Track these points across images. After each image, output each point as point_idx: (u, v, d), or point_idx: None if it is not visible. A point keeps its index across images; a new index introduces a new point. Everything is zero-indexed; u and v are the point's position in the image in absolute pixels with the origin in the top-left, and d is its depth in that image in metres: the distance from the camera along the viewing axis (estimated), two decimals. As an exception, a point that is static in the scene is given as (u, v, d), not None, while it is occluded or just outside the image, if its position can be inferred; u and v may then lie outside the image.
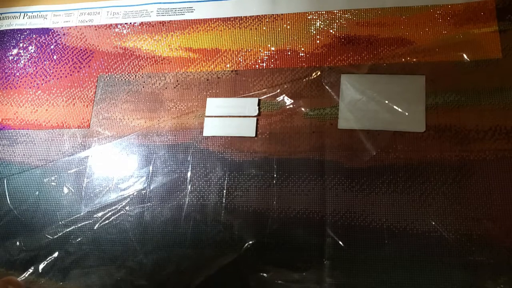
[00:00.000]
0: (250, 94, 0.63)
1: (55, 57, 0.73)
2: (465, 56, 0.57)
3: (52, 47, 0.74)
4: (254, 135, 0.60)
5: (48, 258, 0.60)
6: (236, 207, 0.58)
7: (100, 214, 0.61)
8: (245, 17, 0.68)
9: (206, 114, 0.63)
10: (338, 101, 0.59)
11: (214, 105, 0.63)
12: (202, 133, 0.62)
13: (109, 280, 0.58)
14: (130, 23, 0.72)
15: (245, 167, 0.59)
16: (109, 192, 0.62)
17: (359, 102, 0.59)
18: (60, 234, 0.61)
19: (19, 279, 0.59)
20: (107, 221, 0.61)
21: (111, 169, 0.64)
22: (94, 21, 0.74)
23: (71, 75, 0.71)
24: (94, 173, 0.64)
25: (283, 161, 0.58)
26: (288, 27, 0.66)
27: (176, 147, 0.63)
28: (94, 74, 0.70)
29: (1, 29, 0.77)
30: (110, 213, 0.61)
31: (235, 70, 0.65)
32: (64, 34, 0.74)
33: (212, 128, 0.62)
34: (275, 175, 0.58)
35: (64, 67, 0.72)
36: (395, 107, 0.57)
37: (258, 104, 0.62)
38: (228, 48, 0.67)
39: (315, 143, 0.59)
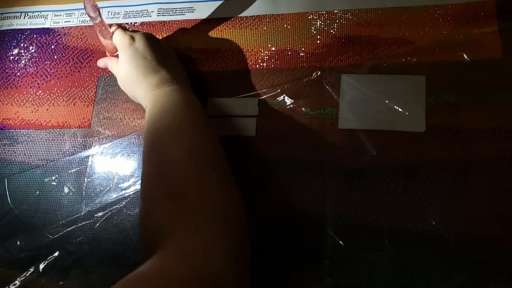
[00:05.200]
0: (250, 94, 0.63)
1: (55, 57, 0.73)
2: (465, 56, 0.57)
3: (52, 47, 0.74)
4: (254, 135, 0.60)
5: (48, 258, 0.60)
6: (236, 207, 0.57)
7: (100, 214, 0.61)
8: (245, 17, 0.68)
9: (206, 114, 0.63)
10: (338, 101, 0.59)
11: (214, 105, 0.63)
12: (202, 133, 0.62)
13: (109, 280, 0.58)
14: (131, 23, 0.72)
15: (245, 167, 0.59)
16: (109, 192, 0.62)
17: (359, 102, 0.59)
18: (61, 233, 0.61)
19: (19, 278, 0.59)
20: (107, 221, 0.61)
21: (112, 168, 0.64)
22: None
23: (71, 75, 0.71)
24: (94, 172, 0.64)
25: (283, 161, 0.58)
26: (289, 27, 0.66)
27: (176, 147, 0.62)
28: (94, 74, 0.70)
29: (2, 29, 0.77)
30: (110, 213, 0.61)
31: (235, 70, 0.65)
32: (64, 34, 0.74)
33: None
34: (275, 175, 0.58)
35: (65, 67, 0.72)
36: (395, 107, 0.57)
37: (258, 104, 0.62)
38: (228, 48, 0.67)
39: (315, 143, 0.58)
